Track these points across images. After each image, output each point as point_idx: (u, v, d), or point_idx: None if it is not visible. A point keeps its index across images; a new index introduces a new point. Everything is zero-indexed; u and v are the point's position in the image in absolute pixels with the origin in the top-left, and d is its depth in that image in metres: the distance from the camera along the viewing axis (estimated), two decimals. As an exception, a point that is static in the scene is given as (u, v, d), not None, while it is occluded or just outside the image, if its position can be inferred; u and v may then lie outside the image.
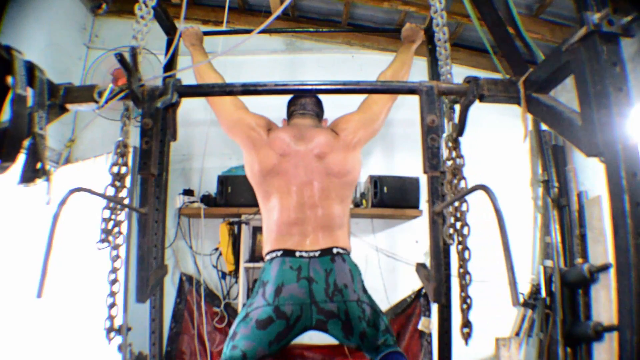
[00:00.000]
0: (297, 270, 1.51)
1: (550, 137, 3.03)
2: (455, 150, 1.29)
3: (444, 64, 1.41)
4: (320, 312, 1.49)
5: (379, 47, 3.31)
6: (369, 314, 1.53)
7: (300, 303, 1.48)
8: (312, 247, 1.55)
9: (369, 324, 1.51)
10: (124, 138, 1.28)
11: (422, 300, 2.91)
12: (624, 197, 0.80)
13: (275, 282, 1.50)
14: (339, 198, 1.63)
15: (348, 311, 1.49)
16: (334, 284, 1.50)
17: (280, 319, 1.47)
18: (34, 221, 2.31)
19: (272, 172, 1.61)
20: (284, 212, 1.59)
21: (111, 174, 1.25)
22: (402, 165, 3.02)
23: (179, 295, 2.90)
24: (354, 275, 1.56)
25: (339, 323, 1.49)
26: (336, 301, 1.49)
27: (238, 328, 1.51)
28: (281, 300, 1.48)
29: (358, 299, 1.52)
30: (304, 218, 1.58)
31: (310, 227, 1.58)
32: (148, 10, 1.34)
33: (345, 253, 1.59)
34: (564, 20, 2.83)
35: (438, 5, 1.40)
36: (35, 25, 2.62)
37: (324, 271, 1.51)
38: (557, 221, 2.86)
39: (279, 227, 1.59)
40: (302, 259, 1.53)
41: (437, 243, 1.10)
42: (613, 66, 0.86)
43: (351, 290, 1.52)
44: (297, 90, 1.32)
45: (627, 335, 0.78)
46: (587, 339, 2.47)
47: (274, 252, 1.57)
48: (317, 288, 1.49)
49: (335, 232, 1.60)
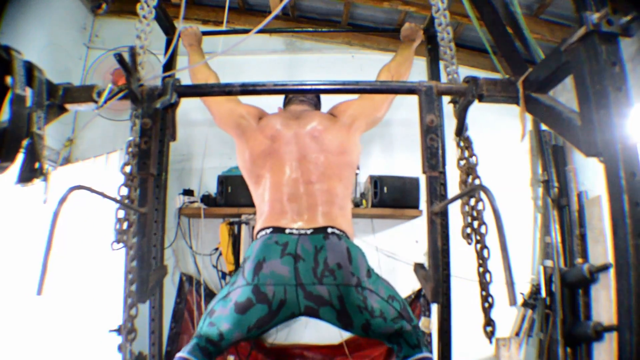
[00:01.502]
0: (283, 246, 1.32)
1: (550, 137, 3.03)
2: (468, 150, 1.28)
3: (449, 64, 1.40)
4: (308, 297, 1.28)
5: (379, 47, 3.31)
6: (372, 304, 1.30)
7: (283, 284, 1.28)
8: (304, 226, 1.38)
9: (372, 315, 1.29)
10: (134, 137, 1.28)
11: (422, 301, 2.91)
12: (623, 197, 0.80)
13: (256, 258, 1.32)
14: (337, 177, 1.48)
15: (343, 298, 1.27)
16: (324, 262, 1.29)
17: (261, 302, 1.28)
18: (34, 220, 2.31)
19: (263, 154, 1.51)
20: (276, 189, 1.45)
21: (123, 174, 1.25)
22: (402, 165, 3.02)
23: (179, 295, 2.90)
24: (353, 256, 1.34)
25: (333, 312, 1.29)
26: (327, 284, 1.27)
27: (217, 306, 1.35)
28: (261, 278, 1.29)
29: (358, 284, 1.30)
30: (297, 194, 1.43)
31: (305, 204, 1.42)
32: (150, 10, 1.34)
33: (342, 234, 1.40)
34: (564, 20, 2.83)
35: (440, 4, 1.40)
36: (35, 25, 2.62)
37: (313, 248, 1.31)
38: (557, 221, 2.85)
39: (271, 204, 1.44)
40: (290, 236, 1.35)
41: (435, 243, 1.10)
42: (612, 66, 0.85)
43: (347, 272, 1.29)
44: (297, 90, 1.32)
45: (626, 335, 0.78)
46: (587, 339, 2.47)
47: (263, 230, 1.41)
48: (303, 267, 1.28)
49: (333, 211, 1.43)
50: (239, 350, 2.73)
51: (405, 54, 1.81)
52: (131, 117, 1.30)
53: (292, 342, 2.89)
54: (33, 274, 0.88)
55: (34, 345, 2.39)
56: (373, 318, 1.29)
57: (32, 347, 2.39)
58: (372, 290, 1.34)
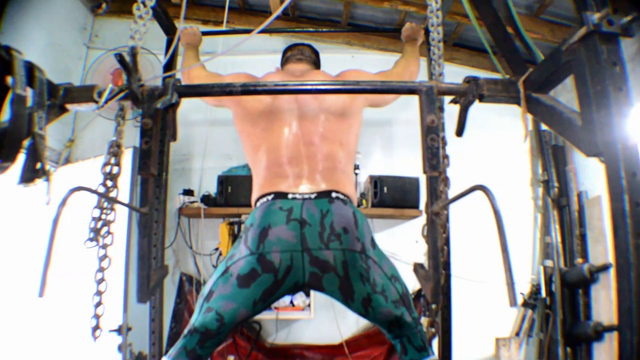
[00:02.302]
0: (288, 212, 1.27)
1: (550, 137, 3.03)
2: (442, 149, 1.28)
3: (437, 64, 1.41)
4: (313, 263, 1.24)
5: (379, 47, 3.31)
6: (375, 276, 1.27)
7: (290, 250, 1.24)
8: (308, 190, 1.33)
9: (374, 289, 1.25)
10: (117, 138, 1.28)
11: (422, 301, 2.91)
12: (623, 197, 0.80)
13: (260, 225, 1.26)
14: (339, 141, 1.43)
15: (347, 264, 1.24)
16: (331, 227, 1.25)
17: (267, 272, 1.24)
18: (34, 221, 2.31)
19: (263, 114, 1.44)
20: (275, 151, 1.39)
21: (102, 174, 1.25)
22: (402, 165, 3.02)
23: (179, 295, 2.90)
24: (359, 221, 1.30)
25: (336, 280, 1.25)
26: (333, 248, 1.24)
27: (215, 286, 1.28)
28: (267, 245, 1.24)
29: (362, 251, 1.27)
30: (298, 156, 1.38)
31: (307, 166, 1.37)
32: (147, 10, 1.34)
33: (347, 199, 1.36)
34: (564, 20, 2.83)
35: (434, 5, 1.40)
36: (35, 25, 2.62)
37: (319, 212, 1.27)
38: (557, 221, 2.86)
39: (270, 168, 1.38)
40: (294, 201, 1.29)
41: (435, 243, 1.10)
42: (613, 66, 0.86)
43: (353, 237, 1.26)
44: (297, 90, 1.31)
45: (627, 335, 0.78)
46: (587, 339, 2.47)
47: (264, 197, 1.35)
48: (310, 232, 1.24)
49: (335, 175, 1.38)
50: (239, 350, 2.73)
51: (412, 52, 1.80)
52: (116, 118, 1.30)
53: (292, 342, 2.89)
54: (34, 274, 0.88)
55: (34, 345, 2.39)
56: (375, 293, 1.26)
57: (32, 347, 2.39)
58: (376, 262, 1.30)
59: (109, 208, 1.24)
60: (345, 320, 2.87)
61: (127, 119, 1.32)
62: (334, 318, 2.84)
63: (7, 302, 2.46)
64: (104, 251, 1.24)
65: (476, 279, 2.77)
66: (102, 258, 1.24)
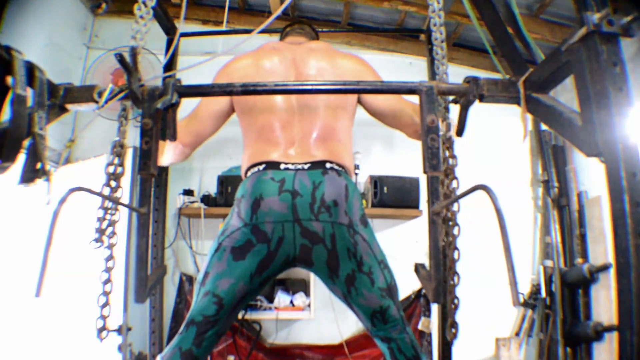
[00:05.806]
0: (280, 182, 1.25)
1: (550, 137, 3.03)
2: (449, 150, 1.28)
3: (440, 64, 1.41)
4: (304, 234, 1.23)
5: (379, 47, 3.31)
6: (362, 254, 1.25)
7: (281, 221, 1.23)
8: (300, 160, 1.30)
9: (360, 268, 1.24)
10: (120, 138, 1.28)
11: (422, 301, 2.91)
12: (623, 197, 0.80)
13: (252, 195, 1.25)
14: (334, 110, 1.38)
15: (335, 237, 1.23)
16: (321, 199, 1.24)
17: (261, 242, 1.23)
18: (34, 221, 2.31)
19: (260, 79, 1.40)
20: (266, 117, 1.34)
21: (106, 174, 1.25)
22: (402, 165, 3.02)
23: (179, 295, 2.90)
24: (350, 194, 1.28)
25: (325, 252, 1.24)
26: (322, 220, 1.23)
27: (210, 266, 1.27)
28: (260, 216, 1.23)
29: (350, 224, 1.25)
30: (291, 121, 1.34)
31: (299, 134, 1.33)
32: (147, 11, 1.34)
33: (342, 170, 1.32)
34: (564, 20, 2.83)
35: (436, 5, 1.40)
36: (35, 25, 2.62)
37: (311, 184, 1.25)
38: (557, 221, 2.86)
39: (261, 135, 1.34)
40: (286, 172, 1.27)
41: (436, 243, 1.10)
42: (613, 66, 0.86)
43: (342, 210, 1.25)
44: (297, 90, 1.31)
45: (627, 335, 0.78)
46: (587, 339, 2.47)
47: (255, 167, 1.32)
48: (301, 202, 1.23)
49: (332, 143, 1.34)
50: (239, 350, 2.73)
51: None
52: (119, 118, 1.30)
53: (292, 342, 2.89)
54: (33, 274, 0.88)
55: (34, 345, 2.39)
56: (360, 272, 1.24)
57: (32, 347, 2.39)
58: (365, 240, 1.28)
59: (114, 208, 1.24)
60: (346, 320, 2.87)
61: (129, 119, 1.32)
62: (334, 318, 2.84)
63: (7, 302, 2.46)
64: (110, 251, 1.24)
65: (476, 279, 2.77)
66: (107, 258, 1.24)
